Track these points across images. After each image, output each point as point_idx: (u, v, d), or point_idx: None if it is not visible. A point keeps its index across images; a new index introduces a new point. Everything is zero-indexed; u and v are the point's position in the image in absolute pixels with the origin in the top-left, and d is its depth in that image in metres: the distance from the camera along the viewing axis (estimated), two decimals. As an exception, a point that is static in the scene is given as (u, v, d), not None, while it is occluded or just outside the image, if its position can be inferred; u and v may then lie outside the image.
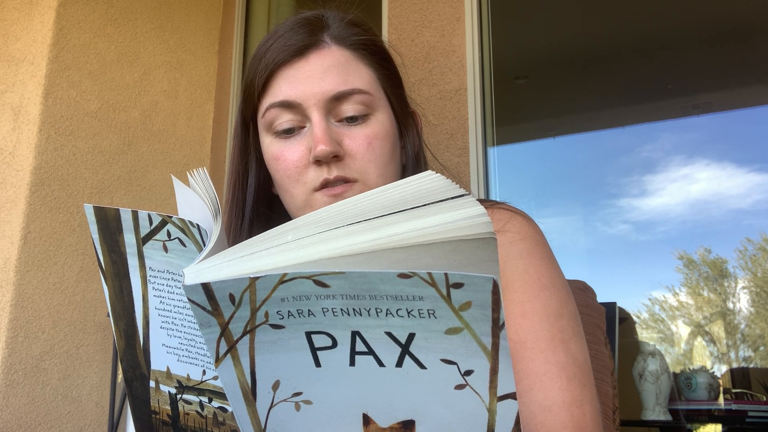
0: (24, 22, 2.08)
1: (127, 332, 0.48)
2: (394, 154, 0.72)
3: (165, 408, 0.49)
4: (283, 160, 0.69)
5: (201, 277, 0.34)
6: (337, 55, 0.70)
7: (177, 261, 0.44)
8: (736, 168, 2.23)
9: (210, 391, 0.46)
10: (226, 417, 0.46)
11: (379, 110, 0.71)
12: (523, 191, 2.34)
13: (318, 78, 0.68)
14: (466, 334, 0.33)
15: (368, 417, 0.37)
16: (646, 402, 1.79)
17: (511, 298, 0.63)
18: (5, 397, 1.72)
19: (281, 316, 0.35)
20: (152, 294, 0.46)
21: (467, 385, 0.34)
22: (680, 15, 2.31)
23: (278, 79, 0.70)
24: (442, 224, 0.33)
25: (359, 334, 0.34)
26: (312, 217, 0.36)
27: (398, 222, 0.34)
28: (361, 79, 0.70)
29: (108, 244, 0.45)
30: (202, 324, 0.36)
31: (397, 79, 0.77)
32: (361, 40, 0.72)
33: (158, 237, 0.44)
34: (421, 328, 0.33)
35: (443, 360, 0.34)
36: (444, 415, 0.36)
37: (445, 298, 0.32)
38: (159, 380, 0.48)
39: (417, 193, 0.35)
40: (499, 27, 1.91)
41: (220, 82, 2.48)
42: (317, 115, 0.68)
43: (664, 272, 2.21)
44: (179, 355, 0.46)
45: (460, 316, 0.32)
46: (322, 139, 0.66)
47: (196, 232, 0.42)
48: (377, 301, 0.33)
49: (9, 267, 1.82)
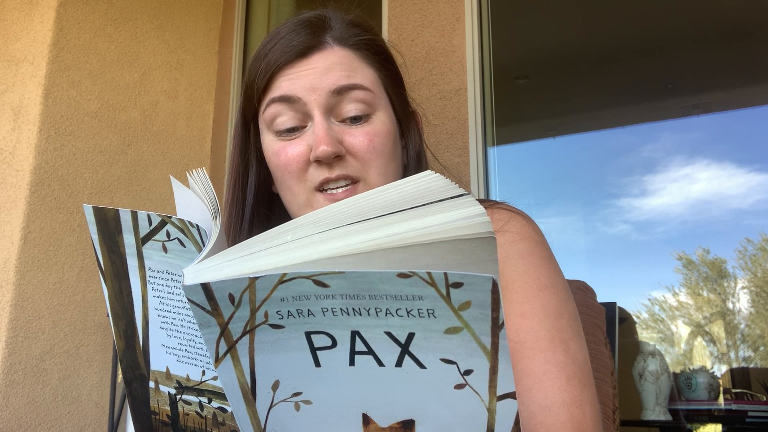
0: (24, 22, 2.08)
1: (126, 333, 0.48)
2: (395, 153, 0.72)
3: (164, 408, 0.49)
4: (285, 157, 0.69)
5: (200, 277, 0.34)
6: (339, 55, 0.70)
7: (176, 261, 0.44)
8: (736, 168, 2.23)
9: (209, 391, 0.46)
10: (225, 417, 0.46)
11: (381, 109, 0.71)
12: (523, 191, 2.34)
13: (320, 74, 0.68)
14: (465, 333, 0.33)
15: (368, 417, 0.37)
16: (646, 402, 1.79)
17: (511, 298, 0.62)
18: (5, 397, 1.72)
19: (281, 316, 0.35)
20: (151, 294, 0.46)
21: (467, 384, 0.34)
22: (680, 15, 2.31)
23: (279, 78, 0.70)
24: (442, 224, 0.33)
25: (359, 334, 0.34)
26: (311, 217, 0.36)
27: (397, 222, 0.34)
28: (363, 77, 0.70)
29: (107, 244, 0.45)
30: (201, 324, 0.36)
31: (398, 79, 0.77)
32: (363, 40, 0.72)
33: (157, 237, 0.44)
34: (420, 328, 0.33)
35: (443, 359, 0.34)
36: (444, 414, 0.36)
37: (445, 297, 0.32)
38: (158, 381, 0.48)
39: (416, 193, 0.35)
40: (499, 27, 1.91)
41: (220, 82, 2.48)
42: (318, 114, 0.68)
43: (664, 272, 2.21)
44: (179, 356, 0.46)
45: (459, 315, 0.32)
46: (323, 140, 0.66)
47: (196, 232, 0.42)
48: (377, 301, 0.33)
49: (9, 267, 1.82)
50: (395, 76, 0.76)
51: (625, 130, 2.49)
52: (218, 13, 2.57)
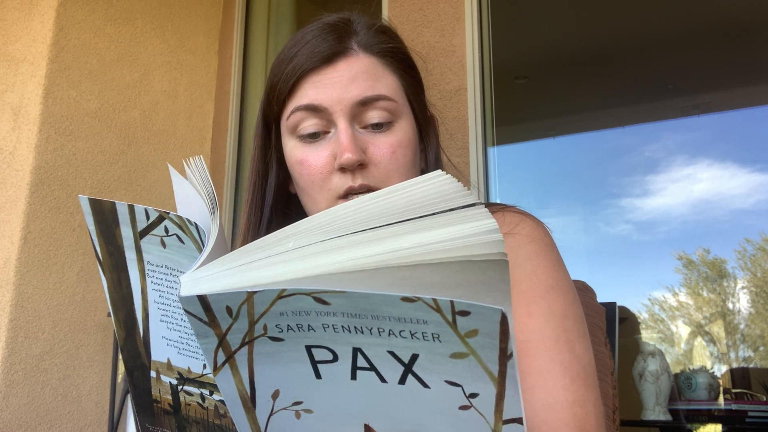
0: (24, 22, 2.08)
1: (126, 323, 0.47)
2: (416, 161, 0.74)
3: (166, 398, 0.48)
4: (308, 165, 0.70)
5: (197, 289, 0.33)
6: (364, 62, 0.71)
7: (175, 257, 0.43)
8: (738, 168, 2.23)
9: (211, 384, 0.45)
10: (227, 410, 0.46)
11: (403, 117, 0.72)
12: (523, 191, 2.34)
13: (345, 84, 0.69)
14: (472, 359, 0.31)
15: (370, 428, 0.37)
16: (646, 402, 1.79)
17: (518, 298, 0.63)
18: (5, 397, 1.72)
19: (280, 330, 0.34)
20: (151, 288, 0.45)
21: (472, 406, 0.33)
22: (680, 15, 2.30)
23: (305, 85, 0.71)
24: (451, 239, 0.31)
25: (361, 351, 0.33)
26: (314, 221, 0.35)
27: (404, 233, 0.32)
28: (387, 86, 0.72)
29: (105, 236, 0.45)
30: (199, 334, 0.35)
31: (420, 86, 0.79)
32: (388, 48, 0.74)
33: (155, 232, 0.43)
34: (425, 351, 0.32)
35: (447, 381, 0.33)
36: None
37: (451, 324, 0.30)
38: (160, 371, 0.48)
39: (425, 197, 0.34)
40: (499, 27, 1.91)
41: (220, 82, 2.48)
42: (343, 122, 0.69)
43: (664, 272, 2.21)
44: (179, 348, 0.46)
45: (466, 342, 0.31)
46: (348, 148, 0.67)
47: (194, 230, 0.41)
48: (380, 321, 0.31)
49: (9, 267, 1.82)
50: (417, 83, 0.78)
51: (625, 130, 2.48)
52: (218, 13, 2.56)
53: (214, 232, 0.40)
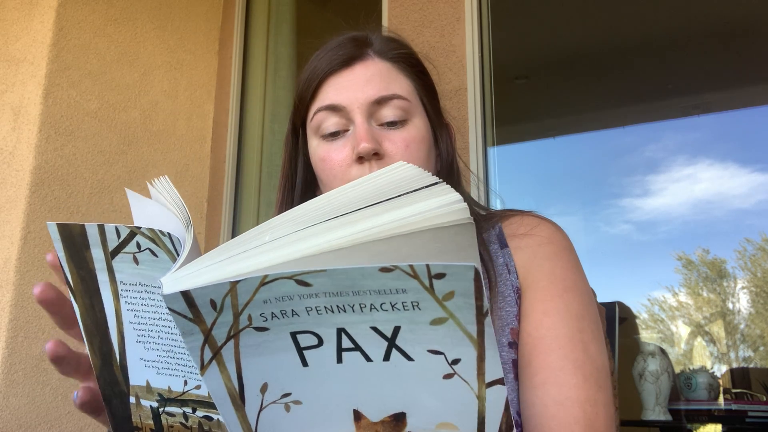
0: (24, 22, 2.08)
1: (102, 350, 0.47)
2: (429, 159, 0.79)
3: (148, 423, 0.48)
4: (329, 160, 0.75)
5: (180, 285, 0.34)
6: (379, 66, 0.77)
7: (150, 272, 0.43)
8: (738, 168, 2.23)
9: (193, 401, 0.45)
10: (211, 425, 0.45)
11: (416, 116, 0.77)
12: (523, 191, 2.34)
13: (362, 85, 0.75)
14: (451, 323, 0.33)
15: (359, 412, 0.37)
16: (646, 402, 1.79)
17: (535, 296, 0.66)
18: (5, 397, 1.72)
19: (264, 319, 0.34)
20: (125, 308, 0.45)
21: (455, 373, 0.35)
22: (680, 15, 2.30)
23: (326, 87, 0.77)
24: (420, 213, 0.33)
25: (345, 331, 0.34)
26: (288, 215, 0.36)
27: (376, 214, 0.34)
28: (401, 87, 0.77)
29: (75, 261, 0.44)
30: (184, 332, 0.35)
31: (433, 91, 0.84)
32: (400, 53, 0.80)
33: (127, 249, 0.43)
34: (406, 321, 0.33)
35: (430, 350, 0.34)
36: (434, 405, 0.36)
37: (428, 289, 0.32)
38: (139, 395, 0.47)
39: (391, 184, 0.35)
40: (499, 27, 1.91)
41: (220, 82, 2.48)
42: (360, 118, 0.74)
43: (664, 272, 2.21)
44: (158, 368, 0.46)
45: (444, 306, 0.32)
46: (364, 138, 0.71)
47: (168, 241, 0.41)
48: (360, 297, 0.33)
49: (9, 267, 1.82)
50: (429, 87, 0.83)
51: (625, 130, 2.49)
52: (218, 13, 2.57)
53: (189, 239, 0.40)
